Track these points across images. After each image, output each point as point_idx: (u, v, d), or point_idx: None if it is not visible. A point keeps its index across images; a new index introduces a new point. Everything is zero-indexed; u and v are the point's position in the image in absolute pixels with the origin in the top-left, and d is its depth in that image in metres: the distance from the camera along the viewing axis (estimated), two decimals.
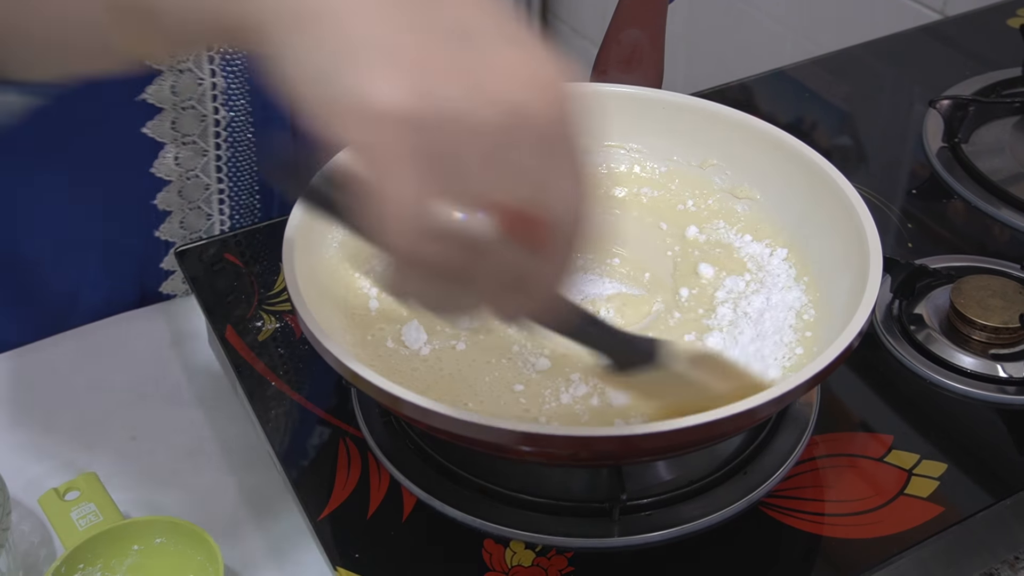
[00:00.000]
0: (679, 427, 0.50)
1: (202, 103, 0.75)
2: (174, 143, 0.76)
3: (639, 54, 0.81)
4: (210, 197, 0.79)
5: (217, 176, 0.79)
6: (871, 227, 0.60)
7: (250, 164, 0.81)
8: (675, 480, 0.60)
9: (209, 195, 0.79)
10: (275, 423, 0.65)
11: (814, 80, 0.98)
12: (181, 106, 0.75)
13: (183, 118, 0.75)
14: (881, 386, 0.67)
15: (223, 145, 0.78)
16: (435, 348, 0.61)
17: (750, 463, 0.61)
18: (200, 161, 0.78)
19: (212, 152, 0.78)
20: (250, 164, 0.81)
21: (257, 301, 0.73)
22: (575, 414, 0.58)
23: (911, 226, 0.80)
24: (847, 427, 0.65)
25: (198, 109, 0.75)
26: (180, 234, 0.80)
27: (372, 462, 0.62)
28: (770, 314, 0.63)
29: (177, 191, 0.78)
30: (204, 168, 0.78)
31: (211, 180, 0.79)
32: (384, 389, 0.52)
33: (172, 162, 0.76)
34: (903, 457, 0.62)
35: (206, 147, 0.77)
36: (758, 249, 0.67)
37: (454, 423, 0.51)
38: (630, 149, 0.73)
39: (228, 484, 0.66)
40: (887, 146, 0.91)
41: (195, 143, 0.77)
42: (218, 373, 0.73)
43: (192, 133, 0.76)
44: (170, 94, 0.74)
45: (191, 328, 0.77)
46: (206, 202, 0.80)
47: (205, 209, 0.80)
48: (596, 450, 0.52)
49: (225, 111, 0.76)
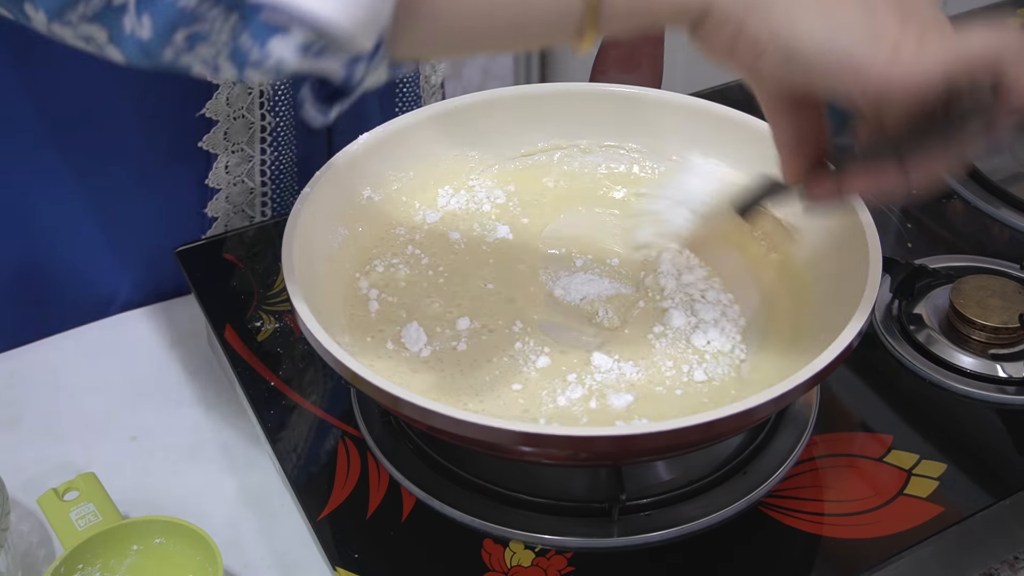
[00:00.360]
0: (678, 427, 0.50)
1: (251, 111, 0.76)
2: (225, 152, 0.77)
3: (639, 54, 0.81)
4: (254, 200, 0.80)
5: (261, 180, 0.79)
6: (871, 227, 0.60)
7: (291, 164, 0.81)
8: (674, 480, 0.60)
9: (253, 198, 0.80)
10: (274, 423, 0.65)
11: None
12: (233, 116, 0.75)
13: (234, 127, 0.76)
14: (881, 386, 0.67)
15: (268, 150, 0.79)
16: (435, 350, 0.61)
17: (750, 463, 0.61)
18: (246, 167, 0.78)
19: (257, 157, 0.79)
20: (291, 164, 0.81)
21: (256, 301, 0.73)
22: (574, 416, 0.58)
23: (911, 226, 0.80)
24: (847, 427, 0.65)
25: (247, 117, 0.76)
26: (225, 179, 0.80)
27: (371, 462, 0.62)
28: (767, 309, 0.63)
29: (225, 198, 0.79)
30: (249, 173, 0.79)
31: (255, 184, 0.79)
32: (384, 389, 0.52)
33: (223, 171, 0.77)
34: (902, 457, 0.62)
35: (252, 152, 0.78)
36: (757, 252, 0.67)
37: (454, 423, 0.51)
38: (629, 149, 0.73)
39: (227, 484, 0.66)
40: None
41: (243, 150, 0.77)
42: (217, 373, 0.73)
43: (241, 140, 0.77)
44: (225, 106, 0.75)
45: (190, 328, 0.77)
46: (250, 205, 0.80)
47: (248, 212, 0.81)
48: (595, 450, 0.52)
49: (271, 117, 0.77)
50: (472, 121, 0.72)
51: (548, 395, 0.59)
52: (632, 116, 0.72)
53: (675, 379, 0.60)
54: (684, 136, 0.72)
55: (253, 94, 0.76)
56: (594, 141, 0.73)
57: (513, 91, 0.72)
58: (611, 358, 0.61)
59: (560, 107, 0.72)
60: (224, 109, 0.75)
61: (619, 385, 0.59)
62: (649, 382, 0.60)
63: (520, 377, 0.60)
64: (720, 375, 0.60)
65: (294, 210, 0.62)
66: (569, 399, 0.58)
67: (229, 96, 0.74)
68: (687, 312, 0.64)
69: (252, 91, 0.76)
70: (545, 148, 0.73)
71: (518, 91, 0.72)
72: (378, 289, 0.65)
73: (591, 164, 0.73)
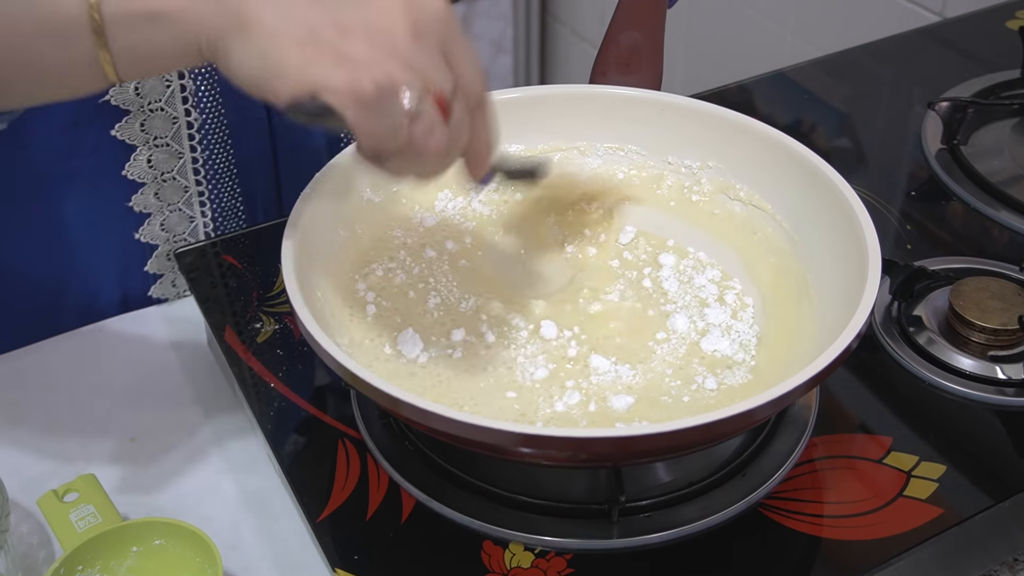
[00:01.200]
0: (677, 428, 0.50)
1: (171, 105, 0.76)
2: (145, 146, 0.76)
3: (638, 56, 0.81)
4: (191, 199, 0.80)
5: (195, 179, 0.79)
6: (870, 229, 0.60)
7: (228, 166, 0.81)
8: (674, 482, 0.60)
9: (189, 197, 0.79)
10: (274, 424, 0.65)
11: (813, 82, 0.98)
12: (149, 108, 0.75)
13: (152, 120, 0.76)
14: (880, 388, 0.67)
15: (198, 148, 0.78)
16: (432, 356, 0.61)
17: (749, 465, 0.61)
18: (176, 163, 0.78)
19: (188, 154, 0.78)
20: (228, 166, 0.81)
21: (256, 303, 0.73)
22: (573, 418, 0.58)
23: (910, 228, 0.80)
24: (846, 429, 0.65)
25: (167, 111, 0.76)
26: (162, 236, 0.80)
27: (371, 464, 0.62)
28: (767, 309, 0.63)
29: (153, 193, 0.78)
30: (181, 170, 0.78)
31: (189, 182, 0.79)
32: (383, 391, 0.52)
33: (145, 164, 0.76)
34: (902, 459, 0.62)
35: (180, 149, 0.78)
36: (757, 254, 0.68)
37: (453, 425, 0.51)
38: (629, 151, 0.73)
39: (227, 485, 0.66)
40: (886, 148, 0.91)
41: (168, 145, 0.77)
42: (217, 374, 0.73)
43: (164, 135, 0.77)
44: (135, 96, 0.74)
45: (190, 330, 0.77)
46: (187, 204, 0.80)
47: (187, 211, 0.80)
48: (595, 451, 0.52)
49: (197, 113, 0.77)
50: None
51: (546, 401, 0.59)
52: (632, 118, 0.72)
53: (674, 381, 0.60)
54: (683, 138, 0.71)
55: (172, 87, 0.75)
56: (594, 143, 0.73)
57: (513, 93, 0.72)
58: (609, 360, 0.61)
59: (560, 109, 0.73)
60: (135, 99, 0.74)
61: (617, 387, 0.60)
62: (648, 384, 0.60)
63: (515, 385, 0.60)
64: (720, 377, 0.60)
65: (294, 211, 0.62)
66: (567, 404, 0.58)
67: (139, 87, 0.74)
68: (689, 317, 0.64)
69: (171, 84, 0.75)
70: (545, 150, 0.73)
71: (518, 93, 0.72)
72: (375, 292, 0.65)
73: (590, 166, 0.73)
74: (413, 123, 0.50)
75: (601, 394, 0.59)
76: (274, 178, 0.84)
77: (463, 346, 0.62)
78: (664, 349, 0.62)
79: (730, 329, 0.64)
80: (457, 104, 0.52)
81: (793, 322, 0.63)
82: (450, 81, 0.51)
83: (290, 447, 0.64)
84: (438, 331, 0.63)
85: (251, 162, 0.82)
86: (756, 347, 0.62)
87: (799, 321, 0.63)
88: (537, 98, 0.72)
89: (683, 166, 0.72)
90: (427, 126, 0.51)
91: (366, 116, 0.49)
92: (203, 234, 0.81)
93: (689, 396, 0.59)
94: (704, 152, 0.71)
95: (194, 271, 0.75)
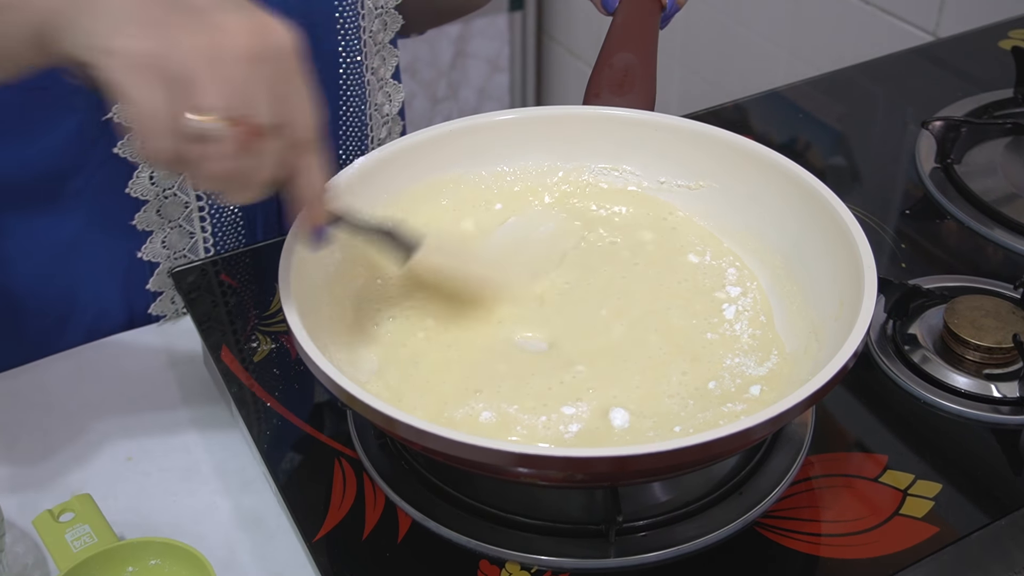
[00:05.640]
0: (674, 448, 0.50)
1: None
2: (147, 163, 0.76)
3: (631, 77, 0.81)
4: (191, 215, 0.79)
5: (196, 194, 0.79)
6: (865, 247, 0.60)
7: None
8: (671, 501, 0.60)
9: (189, 212, 0.79)
10: (270, 444, 0.65)
11: (808, 101, 0.98)
12: None
13: None
14: (876, 406, 0.67)
15: None
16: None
17: (746, 483, 0.61)
18: (176, 178, 0.78)
19: None
20: None
21: (253, 322, 0.73)
22: (572, 433, 0.58)
23: (905, 246, 0.80)
24: (842, 447, 0.65)
25: None
26: (163, 254, 0.80)
27: (367, 483, 0.62)
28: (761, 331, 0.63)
29: (156, 210, 0.78)
30: (182, 186, 0.78)
31: (189, 198, 0.78)
32: (379, 410, 0.52)
33: (147, 181, 0.76)
34: (898, 477, 0.62)
35: None
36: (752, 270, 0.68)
37: (450, 445, 0.50)
38: (623, 171, 0.73)
39: (223, 505, 0.66)
40: (880, 167, 0.91)
41: None
42: (213, 394, 0.73)
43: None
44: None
45: (186, 349, 0.77)
46: (187, 220, 0.79)
47: (187, 227, 0.80)
48: (592, 471, 0.52)
49: None
50: (468, 144, 0.72)
51: (545, 426, 0.58)
52: (625, 138, 0.72)
53: (672, 398, 0.60)
54: (677, 158, 0.72)
55: None
56: (587, 163, 0.73)
57: (509, 115, 0.72)
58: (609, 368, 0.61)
59: (554, 130, 0.73)
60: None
61: (615, 402, 0.59)
62: (646, 400, 0.59)
63: (513, 403, 0.60)
64: (719, 393, 0.60)
65: (291, 231, 0.62)
66: (564, 422, 0.58)
67: None
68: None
69: None
70: (539, 171, 0.73)
71: (513, 115, 0.72)
72: (371, 314, 0.65)
73: (582, 185, 0.73)
74: (198, 145, 0.50)
75: (601, 409, 0.59)
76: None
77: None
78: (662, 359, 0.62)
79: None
80: (272, 141, 0.51)
81: (788, 341, 0.63)
82: (274, 115, 0.50)
83: (286, 466, 0.64)
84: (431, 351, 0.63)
85: None
86: (751, 366, 0.62)
87: (794, 340, 0.63)
88: (532, 119, 0.73)
89: (676, 185, 0.72)
90: (211, 153, 0.50)
91: (136, 89, 0.49)
92: (203, 250, 0.81)
93: (685, 412, 0.59)
94: (698, 172, 0.71)
95: (192, 291, 0.75)
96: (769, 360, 0.62)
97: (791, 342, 0.63)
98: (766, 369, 0.61)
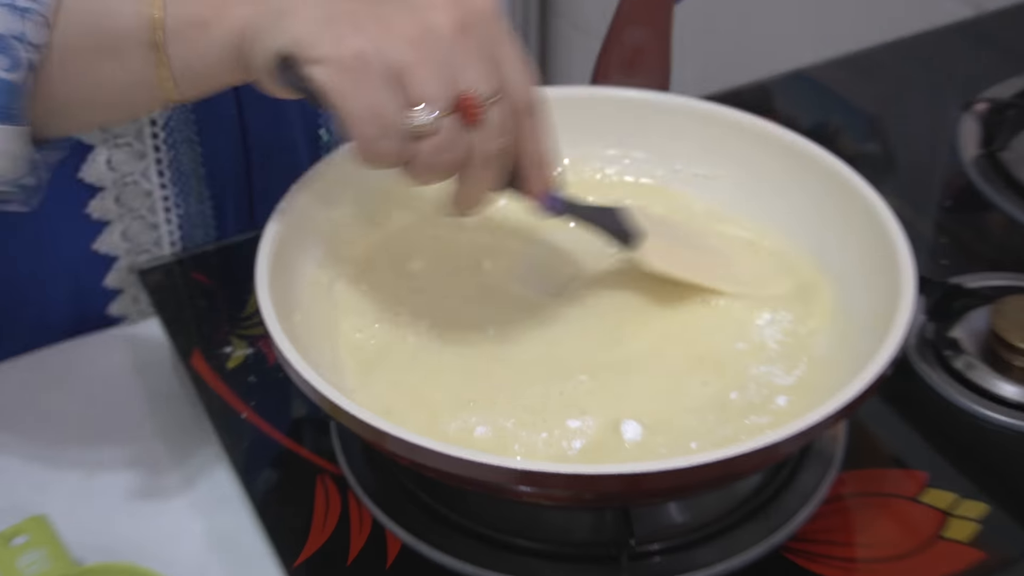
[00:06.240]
0: (692, 464, 0.49)
1: None
2: (104, 145, 0.76)
3: (643, 55, 0.82)
4: (154, 205, 0.79)
5: (160, 181, 0.79)
6: (902, 243, 0.60)
7: (196, 167, 0.80)
8: (688, 523, 0.60)
9: (152, 202, 0.79)
10: (246, 459, 0.65)
11: (838, 82, 0.98)
12: None
13: None
14: (914, 418, 0.67)
15: (163, 147, 0.78)
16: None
17: (771, 503, 0.61)
18: (138, 165, 0.77)
19: (151, 154, 0.78)
20: (196, 167, 0.80)
21: (226, 324, 0.73)
22: (578, 450, 0.57)
23: (945, 241, 0.80)
24: (877, 463, 0.65)
25: None
26: (123, 247, 0.79)
27: (353, 502, 0.62)
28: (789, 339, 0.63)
29: (114, 198, 0.78)
30: (144, 172, 0.78)
31: (152, 186, 0.78)
32: (368, 423, 0.51)
33: (104, 166, 0.76)
34: (940, 496, 0.62)
35: (143, 148, 0.77)
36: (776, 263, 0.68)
37: (446, 461, 0.50)
38: (635, 159, 0.73)
39: (193, 526, 0.66)
40: (918, 153, 0.91)
41: (130, 144, 0.76)
42: (183, 404, 0.73)
43: (125, 134, 0.76)
44: None
45: (154, 354, 0.76)
46: (150, 210, 0.79)
47: (150, 219, 0.79)
48: (602, 490, 0.51)
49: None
50: None
51: (545, 444, 0.58)
52: (637, 123, 0.72)
53: (691, 408, 0.60)
54: (695, 144, 0.72)
55: None
56: (595, 149, 0.73)
57: None
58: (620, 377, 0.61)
59: (560, 112, 0.72)
60: None
61: (628, 413, 0.59)
62: (662, 412, 0.59)
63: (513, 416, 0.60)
64: (741, 405, 0.60)
65: (268, 226, 0.62)
66: (571, 435, 0.58)
67: None
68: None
69: None
70: None
71: None
72: (357, 316, 0.65)
73: (588, 173, 0.73)
74: (423, 139, 0.51)
75: (613, 423, 0.58)
76: (246, 180, 0.83)
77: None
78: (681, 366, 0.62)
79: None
80: (497, 108, 0.53)
81: (818, 346, 0.63)
82: (491, 83, 0.52)
83: (264, 484, 0.64)
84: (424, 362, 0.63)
85: (221, 162, 0.81)
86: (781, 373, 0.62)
87: (824, 345, 0.63)
88: None
89: (692, 175, 0.72)
90: (439, 144, 0.51)
91: (353, 93, 0.50)
92: (168, 244, 0.81)
93: (704, 427, 0.59)
94: (716, 159, 0.71)
95: (160, 290, 0.75)
96: (798, 368, 0.62)
97: (821, 347, 0.63)
98: (794, 378, 0.61)
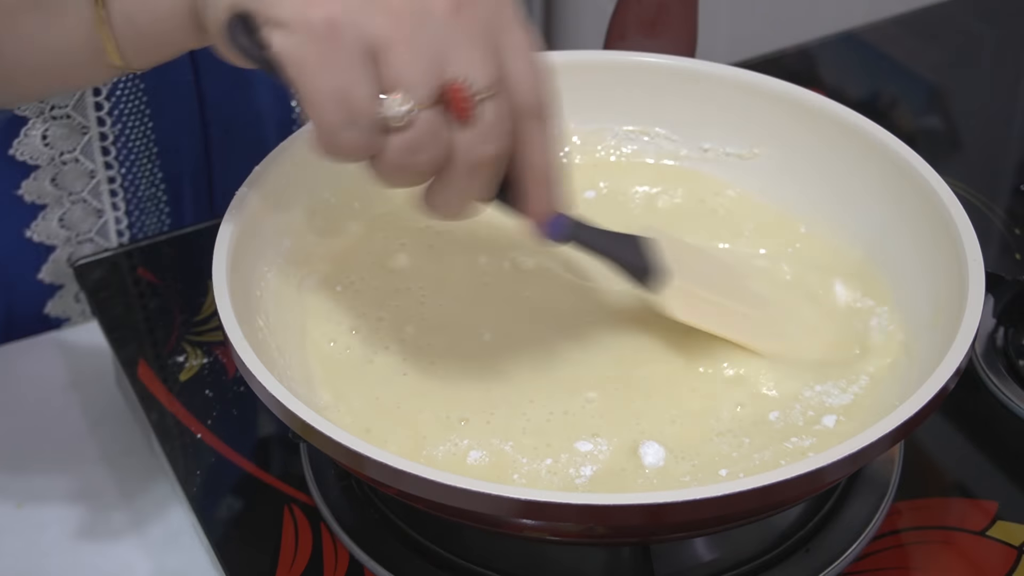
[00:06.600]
0: (724, 494, 0.49)
1: None
2: (40, 117, 0.76)
3: (666, 13, 0.82)
4: (98, 187, 0.79)
5: (104, 160, 0.79)
6: (969, 234, 0.60)
7: (146, 143, 0.80)
8: (718, 561, 0.60)
9: (96, 184, 0.79)
10: (202, 487, 0.65)
11: (894, 45, 0.98)
12: None
13: None
14: (982, 438, 0.67)
15: (107, 120, 0.78)
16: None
17: (814, 538, 0.61)
18: (79, 140, 0.77)
19: (94, 129, 0.77)
20: (146, 143, 0.80)
21: (178, 330, 0.73)
22: (589, 476, 0.58)
23: (1019, 232, 0.80)
24: (938, 491, 0.65)
25: None
26: (62, 235, 0.80)
27: (326, 536, 0.62)
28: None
29: (50, 179, 0.78)
30: (85, 149, 0.78)
31: (96, 165, 0.78)
32: (344, 445, 0.51)
33: (39, 141, 0.76)
34: (1011, 530, 0.62)
35: (85, 122, 0.77)
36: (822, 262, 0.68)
37: (435, 489, 0.50)
38: (655, 135, 0.73)
39: (141, 566, 0.66)
40: (987, 130, 0.91)
41: (69, 117, 0.76)
42: (128, 422, 0.73)
43: (63, 104, 0.76)
44: None
45: (94, 364, 0.77)
46: (93, 193, 0.79)
47: (93, 203, 0.79)
48: (618, 523, 0.51)
49: None
50: None
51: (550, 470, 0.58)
52: (658, 93, 0.72)
53: (723, 431, 0.60)
54: (724, 118, 0.72)
55: None
56: (609, 125, 0.73)
57: None
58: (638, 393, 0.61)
59: (568, 81, 0.72)
60: None
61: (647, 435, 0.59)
62: (687, 434, 0.59)
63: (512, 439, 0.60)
64: (781, 426, 0.60)
65: (228, 214, 0.61)
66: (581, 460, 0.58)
67: None
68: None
69: None
70: None
71: None
72: (331, 322, 0.65)
73: (601, 154, 0.73)
74: (394, 133, 0.49)
75: (631, 445, 0.59)
76: (204, 159, 0.84)
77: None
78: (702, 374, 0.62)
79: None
80: (493, 105, 0.50)
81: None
82: (487, 73, 0.50)
83: (222, 515, 0.64)
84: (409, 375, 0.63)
85: (175, 138, 0.81)
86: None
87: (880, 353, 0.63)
88: None
89: (724, 153, 0.72)
90: (413, 141, 0.49)
91: (316, 68, 0.48)
92: (114, 233, 0.81)
93: (738, 452, 0.59)
94: (751, 137, 0.72)
95: (101, 288, 0.75)
96: (857, 383, 0.61)
97: (875, 358, 0.63)
98: (851, 396, 0.61)
